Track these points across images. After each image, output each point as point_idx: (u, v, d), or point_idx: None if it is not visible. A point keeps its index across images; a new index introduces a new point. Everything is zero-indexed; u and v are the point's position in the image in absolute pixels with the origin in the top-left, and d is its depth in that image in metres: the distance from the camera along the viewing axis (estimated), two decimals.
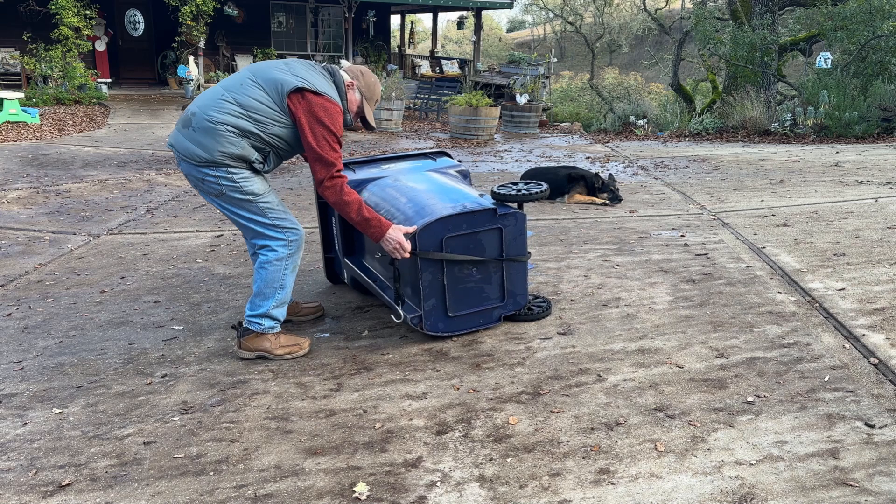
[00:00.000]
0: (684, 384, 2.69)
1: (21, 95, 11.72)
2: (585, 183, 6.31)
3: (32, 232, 5.43)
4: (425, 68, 19.50)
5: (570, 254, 4.49)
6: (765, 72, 13.92)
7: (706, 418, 2.43)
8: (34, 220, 5.77)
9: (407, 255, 2.93)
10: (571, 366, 2.89)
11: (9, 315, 3.73)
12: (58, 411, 2.67)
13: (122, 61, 17.64)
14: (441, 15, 24.78)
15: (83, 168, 8.08)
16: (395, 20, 22.84)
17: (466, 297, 3.14)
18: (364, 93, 3.08)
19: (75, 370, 3.04)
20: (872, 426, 2.32)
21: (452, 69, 19.77)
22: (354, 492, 2.10)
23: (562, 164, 8.80)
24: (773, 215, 5.28)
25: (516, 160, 9.76)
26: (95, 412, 2.66)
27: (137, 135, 10.89)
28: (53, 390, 2.85)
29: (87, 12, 13.92)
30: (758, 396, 2.56)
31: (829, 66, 12.18)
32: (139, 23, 16.78)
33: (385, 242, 2.93)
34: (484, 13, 22.76)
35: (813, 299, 3.46)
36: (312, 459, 2.29)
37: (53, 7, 13.38)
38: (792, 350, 2.93)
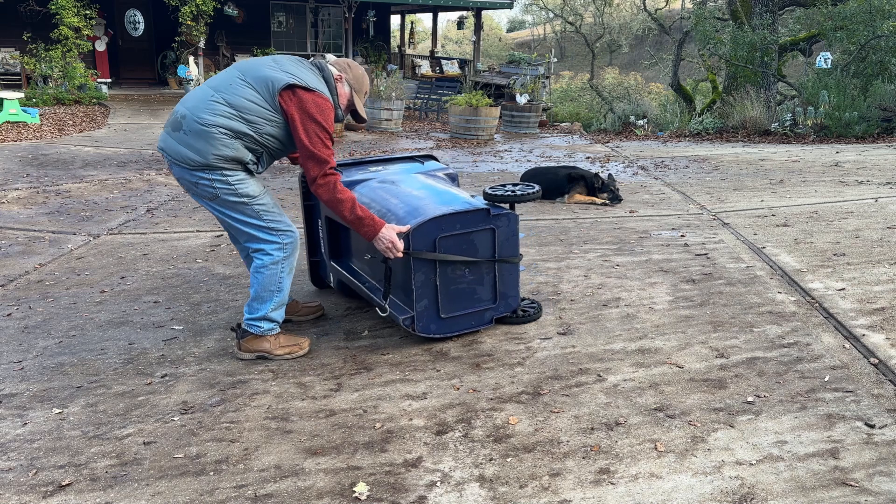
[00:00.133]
0: (684, 384, 2.69)
1: (21, 95, 11.73)
2: (585, 183, 6.32)
3: (32, 232, 5.43)
4: (425, 68, 19.49)
5: (571, 254, 4.49)
6: (765, 72, 13.92)
7: (706, 418, 2.43)
8: (34, 220, 5.77)
9: (400, 255, 2.91)
10: (571, 366, 2.89)
11: (9, 315, 3.73)
12: (58, 411, 2.67)
13: (122, 61, 17.64)
14: (441, 15, 24.80)
15: (83, 168, 8.08)
16: (395, 20, 22.85)
17: (459, 299, 3.12)
18: (353, 85, 3.05)
19: (75, 370, 3.04)
20: (872, 426, 2.32)
21: (452, 69, 19.77)
22: (354, 492, 2.10)
23: (562, 164, 8.80)
24: (773, 215, 5.28)
25: (516, 160, 9.76)
26: (95, 412, 2.66)
27: (137, 135, 10.89)
28: (53, 390, 2.85)
29: (87, 12, 13.92)
30: (758, 396, 2.56)
31: (829, 66, 12.18)
32: (139, 23, 16.78)
33: (378, 241, 2.90)
34: (484, 13, 22.77)
35: (813, 299, 3.46)
36: (312, 459, 2.29)
37: (53, 7, 13.38)
38: (792, 350, 2.93)
